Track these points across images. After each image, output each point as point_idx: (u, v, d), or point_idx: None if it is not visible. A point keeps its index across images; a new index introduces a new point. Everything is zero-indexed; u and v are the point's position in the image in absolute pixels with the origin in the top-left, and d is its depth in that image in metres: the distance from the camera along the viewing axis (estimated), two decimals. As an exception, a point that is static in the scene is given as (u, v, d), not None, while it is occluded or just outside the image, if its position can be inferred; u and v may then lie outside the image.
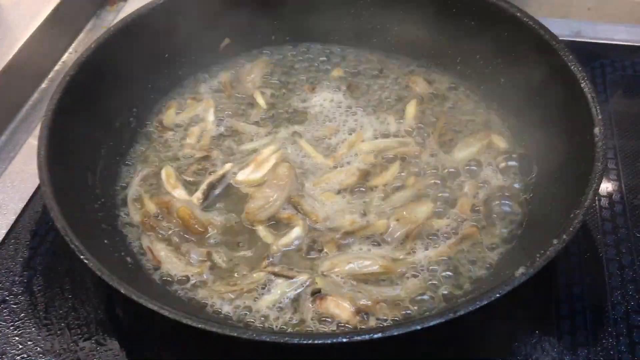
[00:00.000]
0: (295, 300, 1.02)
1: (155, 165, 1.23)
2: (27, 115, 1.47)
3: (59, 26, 1.59)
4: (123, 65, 1.25)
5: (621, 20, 1.57)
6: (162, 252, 1.08)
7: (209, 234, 1.11)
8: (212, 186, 1.18)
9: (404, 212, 1.11)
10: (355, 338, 0.82)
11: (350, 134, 1.27)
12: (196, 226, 1.11)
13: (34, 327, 1.06)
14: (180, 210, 1.12)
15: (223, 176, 1.20)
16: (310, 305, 1.01)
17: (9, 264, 1.14)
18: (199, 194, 1.17)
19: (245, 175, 1.20)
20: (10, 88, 1.44)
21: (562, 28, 1.55)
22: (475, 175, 1.19)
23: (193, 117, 1.32)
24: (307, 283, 1.03)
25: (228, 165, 1.22)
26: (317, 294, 1.02)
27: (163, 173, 1.21)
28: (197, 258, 1.08)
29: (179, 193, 1.18)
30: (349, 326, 0.98)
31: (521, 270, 0.88)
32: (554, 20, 1.56)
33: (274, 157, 1.21)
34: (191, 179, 1.20)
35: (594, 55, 1.50)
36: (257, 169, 1.20)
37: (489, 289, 0.87)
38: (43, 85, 1.53)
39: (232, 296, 1.03)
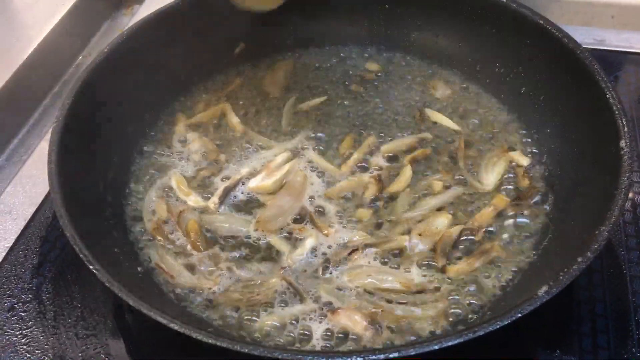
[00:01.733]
0: (307, 315, 0.99)
1: (166, 171, 1.21)
2: (39, 119, 1.45)
3: (73, 29, 1.58)
4: (136, 70, 1.24)
5: (646, 29, 1.53)
6: (174, 265, 1.05)
7: (221, 244, 1.09)
8: (227, 191, 1.16)
9: (424, 225, 1.08)
10: (370, 357, 0.80)
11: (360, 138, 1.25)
12: (199, 244, 1.08)
13: (42, 335, 1.04)
14: (189, 223, 1.10)
15: (239, 181, 1.18)
16: (322, 319, 0.98)
17: (18, 270, 1.12)
18: (215, 199, 1.15)
19: (257, 183, 1.17)
20: (23, 90, 1.43)
21: (585, 36, 1.51)
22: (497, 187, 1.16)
23: (207, 121, 1.30)
24: (322, 299, 1.01)
25: (244, 171, 1.20)
26: (329, 307, 1.00)
27: (173, 180, 1.18)
28: (208, 270, 1.05)
29: (194, 199, 1.16)
30: (360, 335, 0.96)
31: (544, 288, 0.85)
32: (577, 27, 1.52)
33: (287, 166, 1.18)
34: (201, 185, 1.18)
35: (618, 63, 1.47)
36: (269, 176, 1.18)
37: (510, 308, 0.83)
38: (56, 89, 1.52)
39: (245, 305, 1.00)
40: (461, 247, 1.06)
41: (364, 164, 1.21)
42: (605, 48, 1.49)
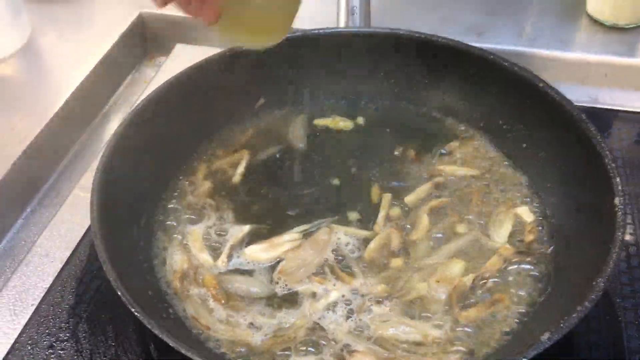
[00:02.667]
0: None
1: (186, 225, 1.28)
2: (68, 165, 1.54)
3: (102, 79, 1.68)
4: (164, 123, 1.33)
5: (637, 88, 1.64)
6: (209, 318, 1.12)
7: (241, 297, 1.16)
8: (233, 249, 1.23)
9: (440, 273, 1.16)
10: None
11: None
12: (220, 298, 1.15)
13: (79, 372, 1.12)
14: (206, 279, 1.17)
15: (243, 239, 1.25)
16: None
17: (56, 310, 1.19)
18: (223, 258, 1.21)
19: (253, 251, 1.22)
20: (54, 139, 1.52)
21: (580, 94, 1.61)
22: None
23: (225, 168, 1.39)
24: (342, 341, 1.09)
25: (245, 228, 1.26)
26: (347, 348, 1.08)
27: (189, 237, 1.25)
28: (235, 320, 1.12)
29: (204, 258, 1.22)
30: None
31: (547, 335, 0.93)
32: (572, 86, 1.62)
33: (289, 244, 1.23)
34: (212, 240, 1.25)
35: (610, 120, 1.57)
36: (268, 250, 1.22)
37: (515, 353, 0.92)
38: (83, 137, 1.61)
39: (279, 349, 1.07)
40: (472, 294, 1.15)
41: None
42: (598, 106, 1.60)
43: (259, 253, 1.22)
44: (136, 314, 0.97)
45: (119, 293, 0.99)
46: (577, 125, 1.24)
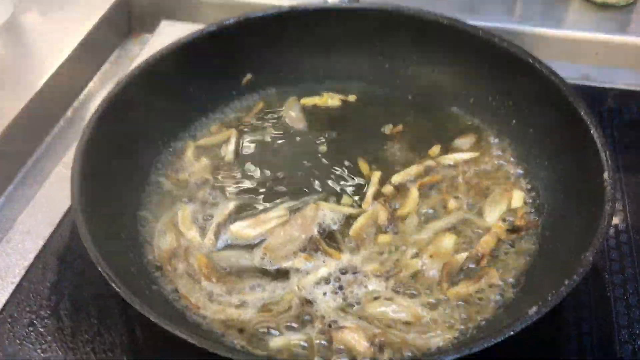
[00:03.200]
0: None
1: (174, 202, 1.26)
2: (52, 144, 1.51)
3: (85, 57, 1.65)
4: (151, 99, 1.31)
5: (628, 66, 1.62)
6: (200, 297, 1.10)
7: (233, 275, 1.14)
8: (220, 225, 1.21)
9: (433, 247, 1.15)
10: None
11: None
12: (210, 276, 1.13)
13: (60, 350, 1.10)
14: (198, 258, 1.15)
15: (229, 215, 1.22)
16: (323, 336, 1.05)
17: (37, 287, 1.17)
18: (211, 236, 1.19)
19: (239, 228, 1.20)
20: (37, 117, 1.50)
21: (571, 72, 1.58)
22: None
23: (213, 145, 1.37)
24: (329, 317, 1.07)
25: (231, 204, 1.24)
26: (332, 326, 1.06)
27: (179, 214, 1.23)
28: (226, 299, 1.10)
29: (192, 235, 1.20)
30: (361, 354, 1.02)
31: (534, 309, 0.92)
32: (563, 63, 1.60)
33: (276, 221, 1.21)
34: (201, 211, 1.24)
35: (601, 98, 1.55)
36: (254, 226, 1.20)
37: (503, 326, 0.91)
38: (67, 115, 1.59)
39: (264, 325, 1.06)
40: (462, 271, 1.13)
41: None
42: (589, 84, 1.58)
43: (245, 229, 1.20)
44: (117, 289, 0.95)
45: (99, 268, 0.97)
46: (567, 100, 1.22)
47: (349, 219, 1.22)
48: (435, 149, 1.36)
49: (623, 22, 1.67)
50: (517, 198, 1.24)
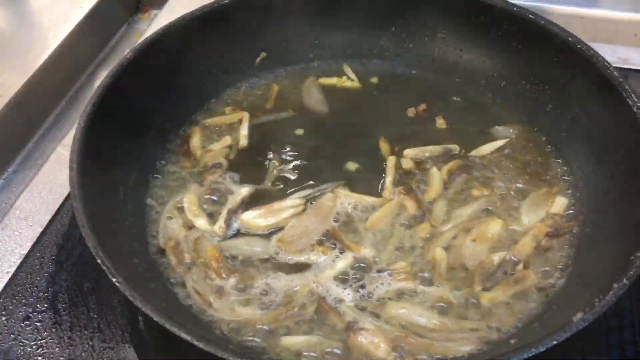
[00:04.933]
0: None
1: (181, 188, 1.17)
2: (54, 123, 1.44)
3: (90, 32, 1.57)
4: (157, 77, 1.22)
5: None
6: (210, 294, 1.01)
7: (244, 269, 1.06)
8: (232, 213, 1.12)
9: (476, 231, 1.06)
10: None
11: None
12: (222, 271, 1.04)
13: (57, 347, 1.02)
14: (208, 251, 1.06)
15: (242, 202, 1.14)
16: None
17: (34, 278, 1.10)
18: (221, 223, 1.10)
19: (250, 217, 1.11)
20: (39, 94, 1.41)
21: (609, 54, 1.45)
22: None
23: (226, 126, 1.28)
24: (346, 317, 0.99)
25: (245, 190, 1.15)
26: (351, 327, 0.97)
27: (185, 200, 1.14)
28: (237, 299, 1.02)
29: (201, 223, 1.11)
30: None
31: (579, 315, 0.83)
32: (600, 45, 1.49)
33: (291, 211, 1.12)
34: (211, 197, 1.15)
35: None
36: (266, 216, 1.11)
37: (545, 335, 0.81)
38: (71, 93, 1.50)
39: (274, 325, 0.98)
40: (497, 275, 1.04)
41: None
42: (629, 67, 1.48)
43: (257, 219, 1.11)
44: (117, 284, 0.87)
45: (99, 260, 0.89)
46: (611, 85, 1.12)
47: (371, 208, 1.13)
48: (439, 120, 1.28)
49: (664, 0, 1.55)
50: (559, 204, 1.13)
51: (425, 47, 1.39)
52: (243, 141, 1.25)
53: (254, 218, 1.11)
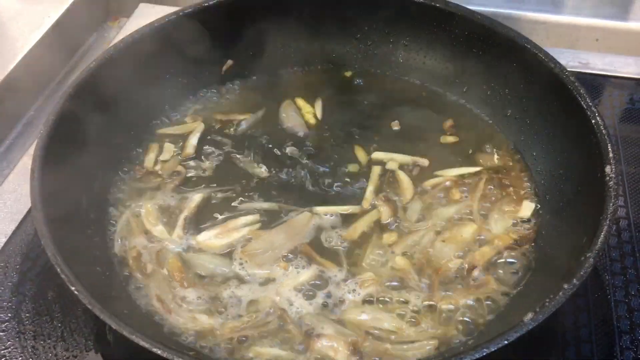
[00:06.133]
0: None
1: (140, 197, 1.18)
2: (22, 132, 1.44)
3: (59, 41, 1.56)
4: (121, 86, 1.22)
5: (629, 53, 1.55)
6: (172, 302, 1.02)
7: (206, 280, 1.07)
8: (188, 220, 1.13)
9: (449, 232, 1.09)
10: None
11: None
12: (184, 282, 1.05)
13: (20, 356, 1.02)
14: (170, 262, 1.07)
15: (197, 208, 1.14)
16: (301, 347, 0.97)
17: (-3, 288, 1.10)
18: (179, 232, 1.11)
19: (206, 238, 1.11)
20: (6, 104, 1.41)
21: (570, 59, 1.52)
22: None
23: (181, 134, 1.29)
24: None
25: (197, 197, 1.16)
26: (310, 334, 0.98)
27: (143, 209, 1.15)
28: (197, 308, 1.03)
29: (159, 230, 1.12)
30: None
31: (530, 315, 0.85)
32: (562, 50, 1.53)
33: (247, 230, 1.11)
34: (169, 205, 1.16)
35: (601, 86, 1.48)
36: (222, 236, 1.11)
37: (496, 335, 0.83)
38: (39, 102, 1.50)
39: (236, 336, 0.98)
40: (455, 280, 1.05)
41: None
42: (589, 71, 1.50)
43: (212, 240, 1.11)
44: (76, 292, 0.87)
45: (57, 269, 0.89)
46: (567, 88, 1.14)
47: (348, 219, 1.14)
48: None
49: (625, 6, 1.58)
50: (526, 208, 1.14)
51: (387, 54, 1.41)
52: (189, 150, 1.26)
53: (210, 239, 1.11)
